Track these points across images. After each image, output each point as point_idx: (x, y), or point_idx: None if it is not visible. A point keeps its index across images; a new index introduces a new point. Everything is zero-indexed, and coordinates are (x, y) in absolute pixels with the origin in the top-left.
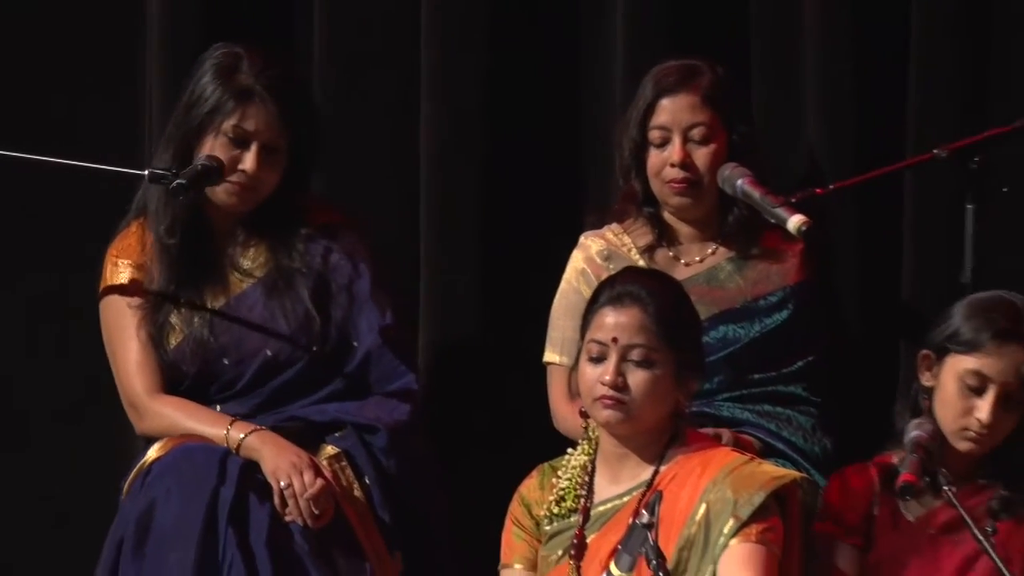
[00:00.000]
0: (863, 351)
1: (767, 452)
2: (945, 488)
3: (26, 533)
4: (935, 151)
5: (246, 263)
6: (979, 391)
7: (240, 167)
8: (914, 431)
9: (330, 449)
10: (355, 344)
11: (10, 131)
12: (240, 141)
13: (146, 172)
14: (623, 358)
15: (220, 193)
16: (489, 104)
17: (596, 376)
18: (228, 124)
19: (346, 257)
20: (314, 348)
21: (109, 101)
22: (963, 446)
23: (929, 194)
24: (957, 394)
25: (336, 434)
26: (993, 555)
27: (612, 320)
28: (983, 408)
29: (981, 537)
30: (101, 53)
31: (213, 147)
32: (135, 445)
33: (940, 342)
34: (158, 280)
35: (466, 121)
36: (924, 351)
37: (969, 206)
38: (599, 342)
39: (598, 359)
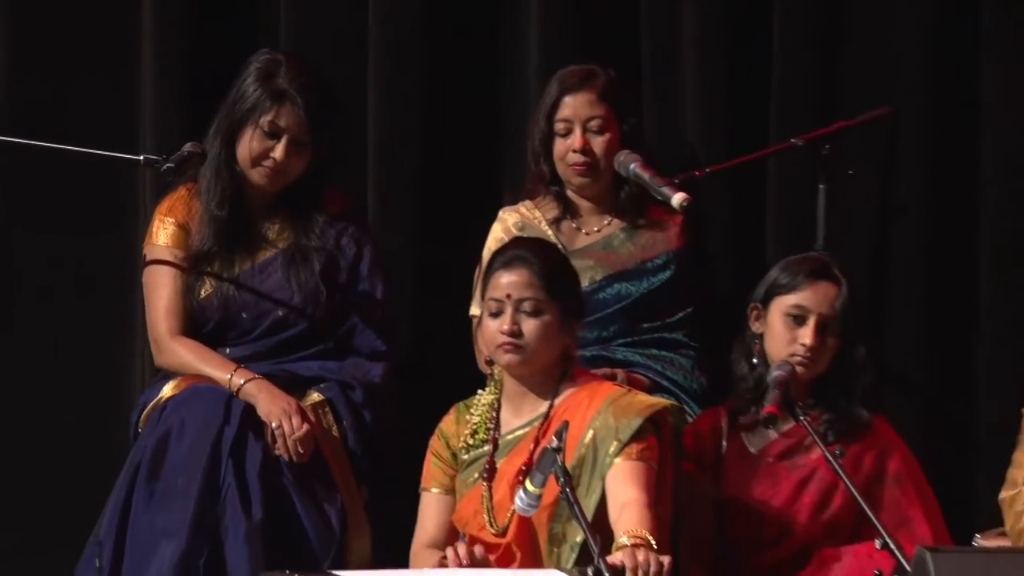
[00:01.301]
0: (733, 306)
1: (654, 388)
2: (802, 418)
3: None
4: (793, 140)
5: (271, 235)
6: (801, 320)
7: (272, 155)
8: (776, 371)
9: (315, 396)
10: (349, 313)
11: (30, 122)
12: (273, 134)
13: (141, 157)
14: (516, 310)
15: (255, 175)
16: (426, 101)
17: (496, 327)
18: (265, 119)
19: (353, 241)
20: (317, 315)
21: (110, 91)
22: (796, 364)
23: (788, 176)
24: (783, 328)
25: (321, 385)
26: (841, 473)
27: (505, 280)
28: (806, 335)
29: (831, 458)
30: (102, 53)
31: (252, 138)
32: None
33: (764, 292)
34: (201, 240)
35: (406, 115)
36: (752, 304)
37: (821, 186)
38: (496, 299)
39: (496, 314)
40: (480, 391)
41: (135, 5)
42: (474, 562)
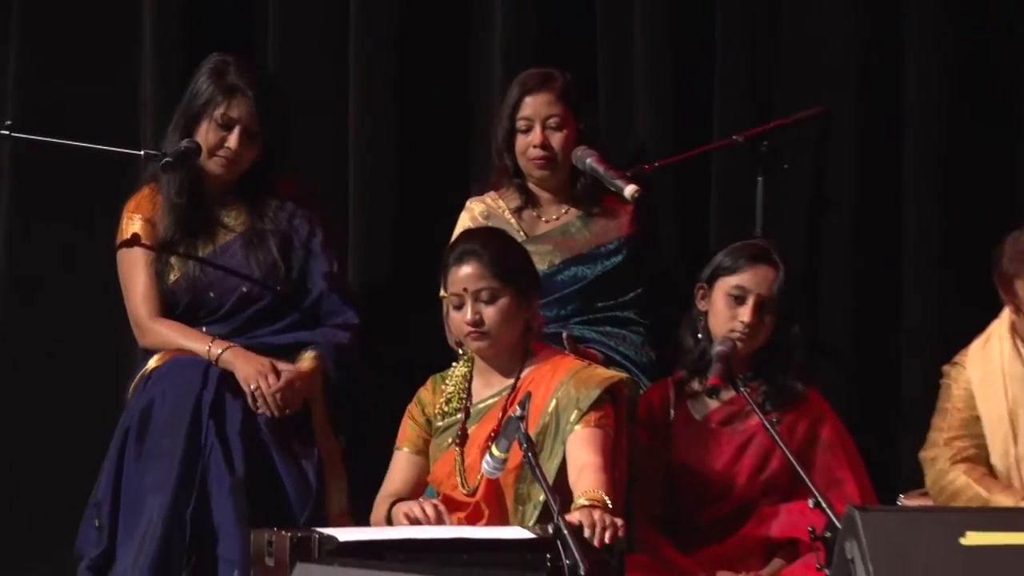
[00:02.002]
0: (680, 286)
1: (608, 362)
2: (742, 389)
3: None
4: (734, 137)
5: (229, 221)
6: (741, 300)
7: (227, 145)
8: (718, 347)
9: (310, 355)
10: (310, 287)
11: (38, 119)
12: (227, 126)
13: (142, 152)
14: (475, 300)
15: (212, 165)
16: (402, 100)
17: (460, 319)
18: (218, 112)
19: (305, 221)
20: (278, 288)
21: (110, 91)
22: (734, 339)
23: (730, 169)
24: (725, 307)
25: (310, 346)
26: (777, 439)
27: (459, 275)
28: (745, 313)
29: (768, 425)
30: (106, 59)
31: (208, 130)
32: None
33: (710, 274)
34: (164, 230)
35: (384, 115)
36: (699, 284)
37: (759, 179)
38: (456, 294)
39: (459, 307)
40: (454, 363)
41: (137, 21)
42: (439, 519)
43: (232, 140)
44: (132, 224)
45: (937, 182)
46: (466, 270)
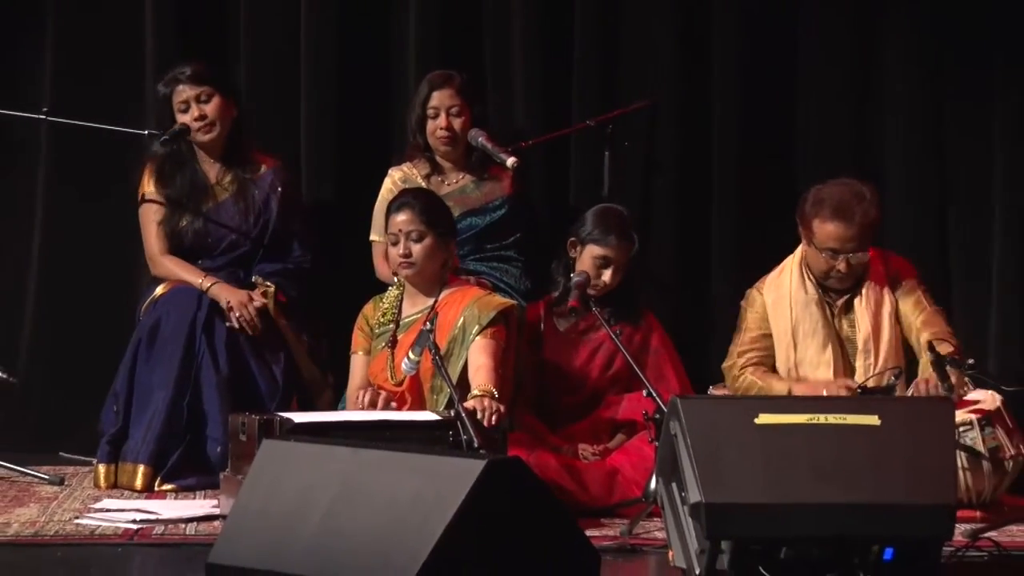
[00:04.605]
0: (547, 232)
1: (496, 289)
2: (595, 309)
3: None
4: (588, 122)
5: (224, 182)
6: (605, 265)
7: (194, 118)
8: (576, 278)
9: (265, 285)
10: (281, 236)
11: (67, 104)
12: (187, 107)
13: (146, 132)
14: (407, 239)
15: (196, 135)
16: (339, 91)
17: (396, 252)
18: (177, 101)
19: (280, 184)
20: (254, 234)
21: (123, 79)
22: (591, 292)
23: (585, 146)
24: (591, 267)
25: (268, 279)
26: (620, 345)
27: (397, 219)
28: (607, 275)
29: (614, 336)
30: (119, 59)
31: (181, 118)
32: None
33: (582, 236)
34: (174, 190)
35: (327, 103)
36: (571, 239)
37: (606, 153)
38: (393, 234)
39: (395, 243)
40: (391, 287)
41: (140, 36)
42: (383, 406)
43: (195, 112)
44: (148, 184)
45: (736, 153)
46: (402, 216)
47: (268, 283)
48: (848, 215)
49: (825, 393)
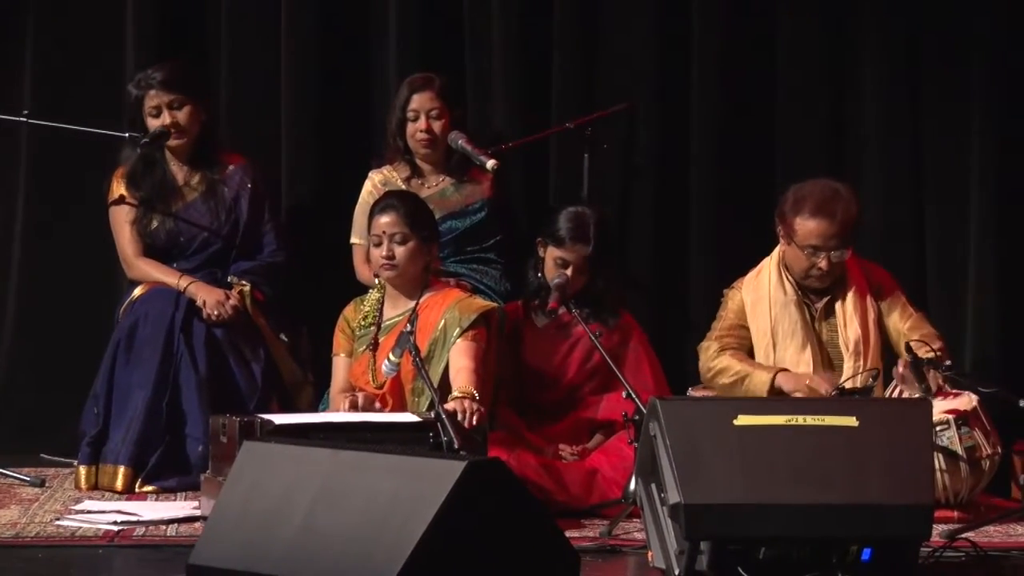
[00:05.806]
0: (526, 235)
1: (476, 291)
2: (574, 310)
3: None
4: (567, 124)
5: (193, 183)
6: (563, 266)
7: (164, 125)
8: (556, 279)
9: (241, 284)
10: (253, 233)
11: (48, 106)
12: (157, 112)
13: (126, 135)
14: (390, 241)
15: (171, 142)
16: (321, 95)
17: (378, 254)
18: (148, 106)
19: (249, 181)
20: (225, 232)
21: (99, 88)
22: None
23: (565, 149)
24: (553, 266)
25: (244, 278)
26: (598, 344)
27: (381, 221)
28: (569, 274)
29: (591, 335)
30: (98, 62)
31: (152, 121)
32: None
33: (547, 237)
34: (145, 191)
35: (309, 107)
36: (539, 239)
37: (585, 155)
38: (376, 235)
39: (378, 244)
40: (371, 290)
41: (121, 40)
42: (366, 407)
43: (165, 117)
44: (119, 187)
45: (712, 155)
46: (386, 218)
47: (243, 282)
48: (830, 212)
49: (808, 383)
